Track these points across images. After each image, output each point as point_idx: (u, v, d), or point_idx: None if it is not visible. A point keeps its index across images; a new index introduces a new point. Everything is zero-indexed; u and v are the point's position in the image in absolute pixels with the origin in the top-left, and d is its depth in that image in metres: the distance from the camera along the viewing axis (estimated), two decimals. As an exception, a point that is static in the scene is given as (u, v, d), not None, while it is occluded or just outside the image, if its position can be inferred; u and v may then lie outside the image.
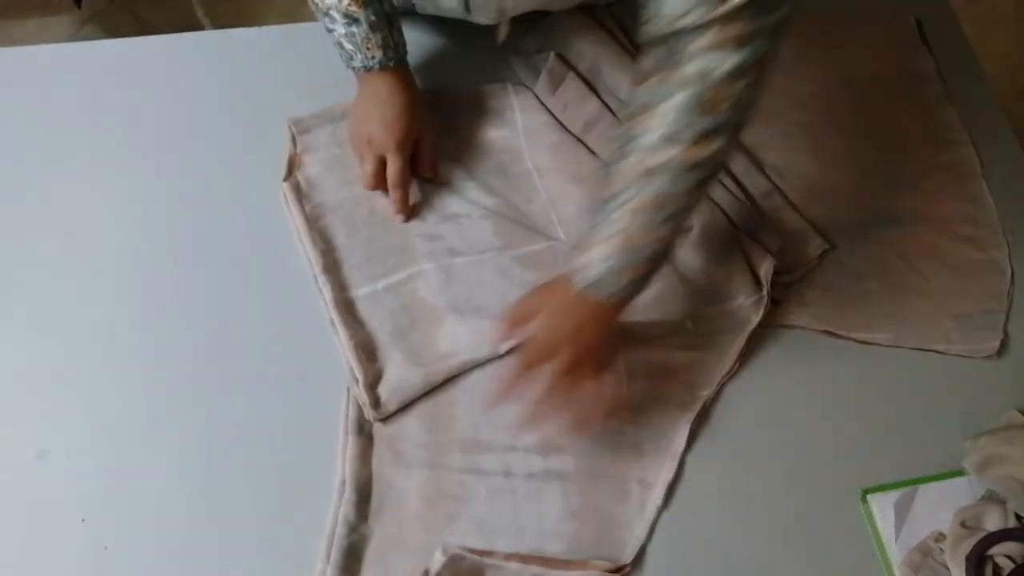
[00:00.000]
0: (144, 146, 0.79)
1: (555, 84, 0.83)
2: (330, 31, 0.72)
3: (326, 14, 0.71)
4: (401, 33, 0.75)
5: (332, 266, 0.74)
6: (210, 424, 0.68)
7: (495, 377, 0.69)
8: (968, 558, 0.62)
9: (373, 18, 0.71)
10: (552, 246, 0.75)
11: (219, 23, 1.71)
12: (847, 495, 0.68)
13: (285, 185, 0.77)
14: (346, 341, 0.70)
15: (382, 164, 0.75)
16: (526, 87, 0.85)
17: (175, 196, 0.77)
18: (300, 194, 0.77)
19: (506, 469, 0.66)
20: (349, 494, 0.64)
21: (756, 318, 0.72)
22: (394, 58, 0.74)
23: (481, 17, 0.82)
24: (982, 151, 0.85)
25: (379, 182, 0.76)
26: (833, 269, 0.77)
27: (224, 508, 0.65)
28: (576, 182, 0.78)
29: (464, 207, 0.77)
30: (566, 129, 0.82)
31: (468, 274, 0.74)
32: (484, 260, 0.74)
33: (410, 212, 0.76)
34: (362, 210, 0.77)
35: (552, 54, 0.84)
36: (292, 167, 0.79)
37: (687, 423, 0.69)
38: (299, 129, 0.81)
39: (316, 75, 0.84)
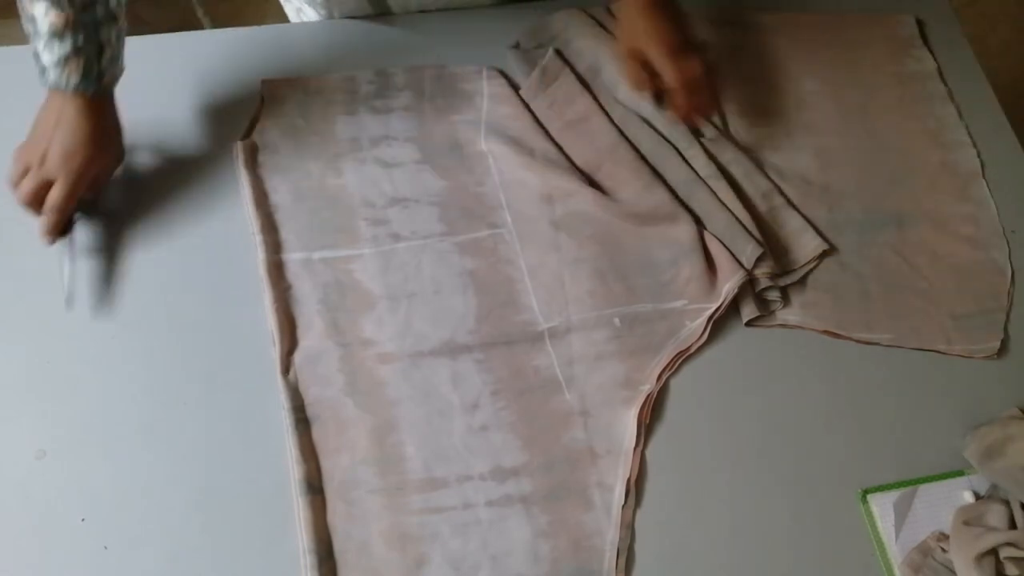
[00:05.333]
0: (144, 146, 0.79)
1: (548, 82, 0.83)
2: (29, 35, 0.68)
3: (31, 19, 0.66)
4: (114, 61, 0.71)
5: (270, 227, 0.74)
6: (210, 423, 0.68)
7: (436, 410, 0.69)
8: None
9: (81, 42, 0.66)
10: (494, 234, 0.76)
11: (219, 23, 1.71)
12: (847, 495, 0.68)
13: (239, 144, 0.78)
14: (270, 303, 0.70)
15: (46, 187, 0.70)
16: (500, 74, 0.84)
17: (175, 195, 0.77)
18: (253, 154, 0.78)
19: (465, 501, 0.66)
20: (310, 559, 0.62)
21: (692, 324, 0.72)
22: (94, 87, 0.69)
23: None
24: (982, 151, 0.85)
25: (36, 201, 0.70)
26: (834, 269, 0.77)
27: (224, 508, 0.65)
28: (527, 170, 0.78)
29: (414, 191, 0.78)
30: (539, 125, 0.81)
31: (407, 258, 0.74)
32: (426, 245, 0.75)
33: (56, 238, 0.71)
34: (312, 182, 0.77)
35: (551, 51, 0.84)
36: (252, 127, 0.80)
37: (633, 418, 0.69)
38: (269, 93, 0.81)
39: (315, 75, 0.84)
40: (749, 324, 0.74)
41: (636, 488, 0.67)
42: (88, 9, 0.67)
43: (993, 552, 0.62)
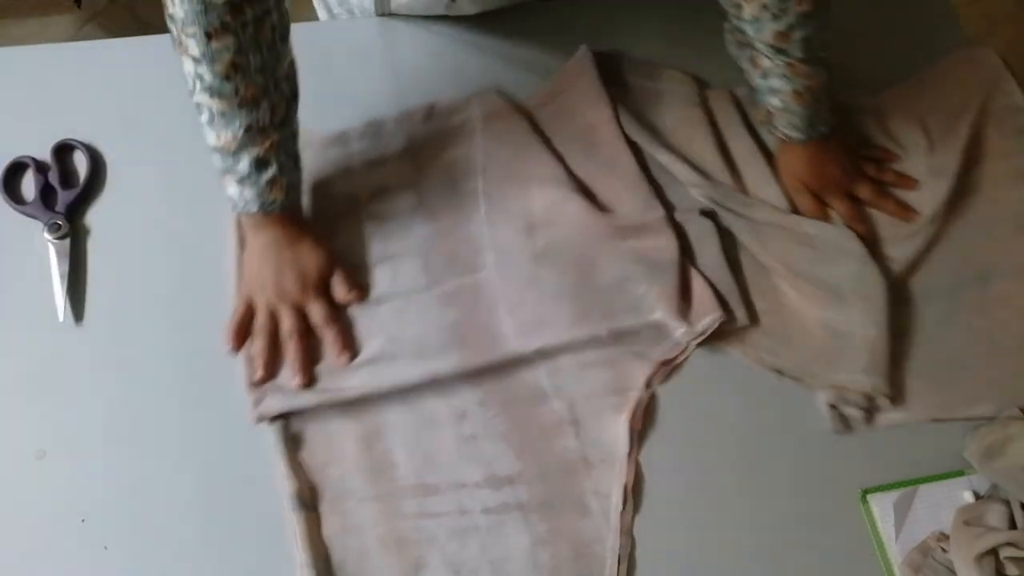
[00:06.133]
0: (144, 145, 0.79)
1: (564, 85, 0.82)
2: (228, 172, 0.66)
3: (231, 154, 0.65)
4: (300, 167, 0.71)
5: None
6: (210, 423, 0.68)
7: (424, 419, 0.68)
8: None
9: (283, 160, 0.67)
10: (476, 280, 0.73)
11: (219, 23, 1.70)
12: (847, 495, 0.68)
13: None
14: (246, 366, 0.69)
15: (303, 314, 0.71)
16: (496, 96, 0.82)
17: (175, 194, 0.77)
18: None
19: (460, 507, 0.65)
20: (309, 573, 0.61)
21: (675, 335, 0.70)
22: (295, 198, 0.70)
23: (468, 7, 0.82)
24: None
25: (304, 333, 0.70)
26: (925, 348, 0.73)
27: (224, 508, 0.65)
28: (516, 199, 0.77)
29: (402, 245, 0.75)
30: (537, 134, 0.80)
31: (388, 321, 0.72)
32: (408, 303, 0.72)
33: (352, 347, 0.70)
34: None
35: (583, 48, 0.84)
36: None
37: (624, 424, 0.68)
38: None
39: (315, 74, 0.83)
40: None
41: (634, 493, 0.66)
42: (286, 124, 0.67)
43: (993, 552, 0.62)
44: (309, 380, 0.69)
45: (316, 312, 0.71)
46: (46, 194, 0.76)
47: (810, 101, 0.74)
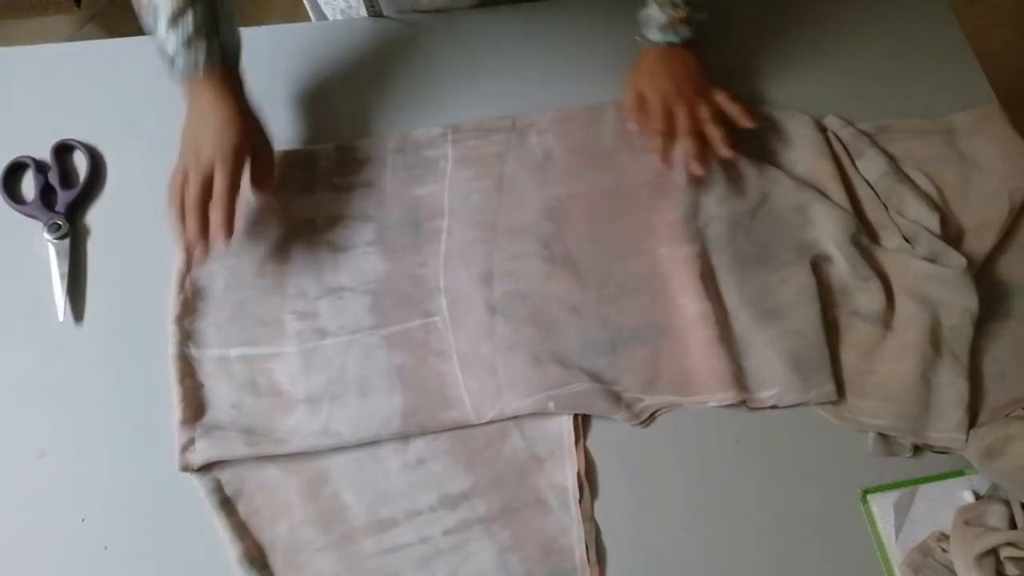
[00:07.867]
0: (144, 145, 0.79)
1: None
2: (153, 34, 0.68)
3: (152, 10, 0.67)
4: (234, 35, 0.71)
5: (188, 314, 0.70)
6: (210, 424, 0.68)
7: (366, 454, 0.66)
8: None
9: (200, 17, 0.67)
10: (427, 324, 0.71)
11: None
12: (847, 495, 0.68)
13: None
14: (176, 401, 0.67)
15: (209, 182, 0.68)
16: (468, 133, 0.80)
17: (175, 196, 0.77)
18: None
19: (420, 535, 0.64)
20: None
21: (632, 409, 0.69)
22: (219, 59, 0.69)
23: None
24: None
25: (205, 201, 0.67)
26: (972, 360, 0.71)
27: (224, 508, 0.65)
28: (477, 244, 0.75)
29: (352, 279, 0.73)
30: (511, 178, 0.78)
31: (332, 358, 0.69)
32: (352, 342, 0.70)
33: (232, 231, 0.67)
34: (252, 267, 0.73)
35: None
36: None
37: (568, 416, 0.68)
38: None
39: (315, 74, 0.84)
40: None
41: (588, 479, 0.66)
42: None
43: (993, 552, 0.62)
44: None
45: (218, 178, 0.67)
46: (46, 194, 0.76)
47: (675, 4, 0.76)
